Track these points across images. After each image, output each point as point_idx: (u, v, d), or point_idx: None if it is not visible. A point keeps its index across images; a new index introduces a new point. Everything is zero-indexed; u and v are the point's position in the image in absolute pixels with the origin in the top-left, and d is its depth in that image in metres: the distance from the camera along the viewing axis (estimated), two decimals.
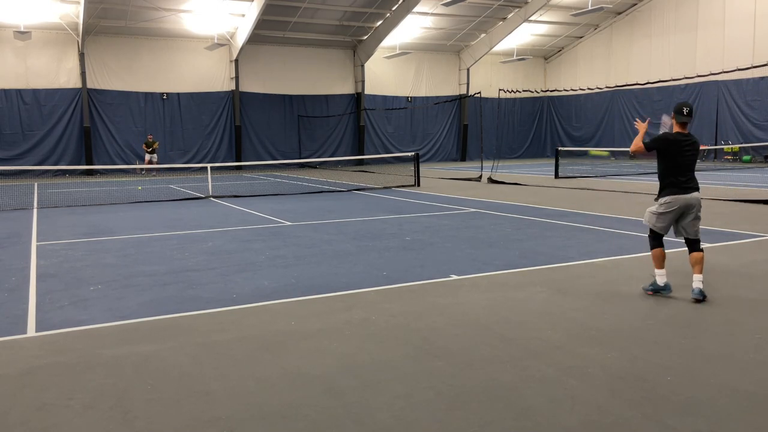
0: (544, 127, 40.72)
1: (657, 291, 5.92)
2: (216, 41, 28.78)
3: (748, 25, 29.18)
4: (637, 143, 5.98)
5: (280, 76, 32.83)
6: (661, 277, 5.89)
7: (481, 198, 15.26)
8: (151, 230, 10.82)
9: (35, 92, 27.79)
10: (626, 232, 9.80)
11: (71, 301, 6.13)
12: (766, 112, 29.06)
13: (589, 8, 28.09)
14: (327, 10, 29.48)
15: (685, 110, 5.80)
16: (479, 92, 26.42)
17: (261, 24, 28.48)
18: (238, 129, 31.81)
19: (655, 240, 5.96)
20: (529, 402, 3.69)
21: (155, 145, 28.10)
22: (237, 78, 31.42)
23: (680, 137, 5.83)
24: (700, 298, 5.67)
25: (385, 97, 35.78)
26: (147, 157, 26.96)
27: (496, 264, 7.55)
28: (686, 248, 6.00)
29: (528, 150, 40.26)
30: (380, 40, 32.16)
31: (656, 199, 5.96)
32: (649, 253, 6.12)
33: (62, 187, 21.36)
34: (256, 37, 29.93)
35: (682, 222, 5.86)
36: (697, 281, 5.73)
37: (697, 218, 5.87)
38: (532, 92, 30.77)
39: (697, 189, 5.85)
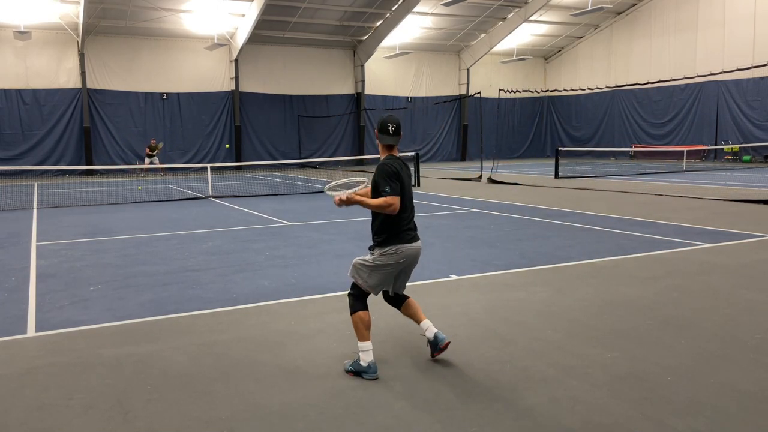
0: (544, 127, 40.72)
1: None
2: (216, 41, 28.78)
3: (748, 25, 29.18)
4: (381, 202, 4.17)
5: (280, 76, 32.83)
6: (366, 353, 4.18)
7: (481, 198, 15.26)
8: (151, 230, 10.82)
9: (35, 92, 27.79)
10: (626, 232, 9.79)
11: (71, 301, 6.13)
12: (766, 112, 29.05)
13: (589, 8, 28.09)
14: (327, 10, 29.48)
15: (391, 128, 4.31)
16: (479, 92, 26.43)
17: (261, 24, 28.48)
18: (238, 129, 31.81)
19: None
20: (529, 402, 3.69)
21: (159, 148, 27.67)
22: (237, 78, 31.42)
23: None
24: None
25: (385, 97, 35.78)
26: (147, 160, 26.78)
27: (496, 264, 7.55)
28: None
29: (528, 150, 40.26)
30: (380, 40, 32.16)
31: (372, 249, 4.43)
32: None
33: (62, 187, 21.35)
34: (256, 37, 29.94)
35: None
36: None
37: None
38: (532, 92, 30.78)
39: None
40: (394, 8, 29.99)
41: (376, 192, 4.23)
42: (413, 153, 21.39)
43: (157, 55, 30.05)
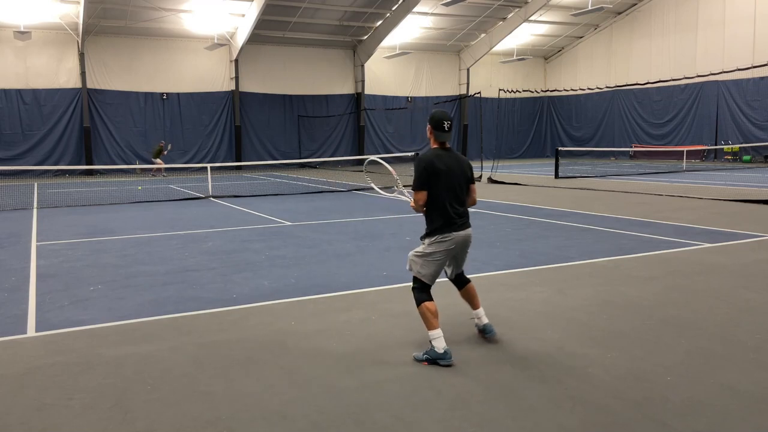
0: (544, 127, 40.72)
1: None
2: (216, 41, 28.78)
3: (748, 25, 29.18)
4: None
5: (280, 76, 32.83)
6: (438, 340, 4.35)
7: (480, 198, 15.25)
8: (151, 230, 10.82)
9: (35, 92, 27.79)
10: (626, 232, 9.79)
11: (71, 301, 6.13)
12: (766, 112, 29.06)
13: (589, 8, 28.09)
14: (327, 10, 29.48)
15: (446, 125, 4.52)
16: (479, 92, 26.43)
17: (261, 24, 28.48)
18: (238, 129, 31.81)
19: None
20: (529, 402, 3.69)
21: (163, 150, 27.51)
22: (237, 78, 31.42)
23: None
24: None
25: (385, 97, 35.79)
26: (158, 161, 26.50)
27: (496, 264, 7.55)
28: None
29: (528, 150, 40.25)
30: (380, 40, 32.16)
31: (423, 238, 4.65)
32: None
33: (62, 187, 21.35)
34: (256, 37, 29.93)
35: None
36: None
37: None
38: (532, 92, 30.77)
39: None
40: (394, 8, 29.99)
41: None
42: (413, 153, 21.39)
43: (157, 55, 30.04)
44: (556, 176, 21.28)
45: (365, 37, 33.26)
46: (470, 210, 4.74)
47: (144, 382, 4.09)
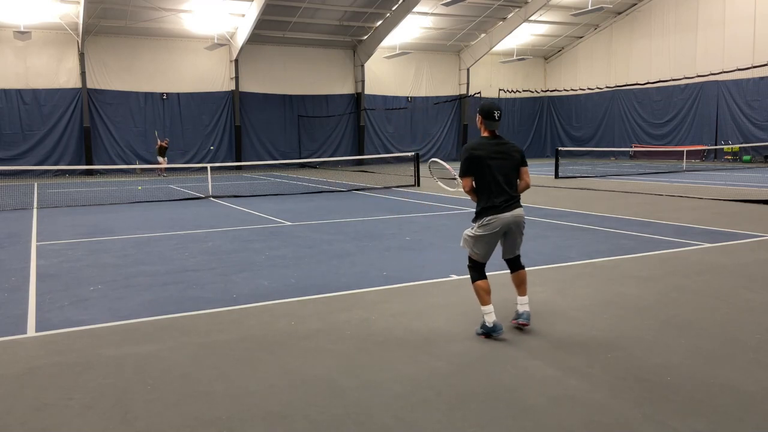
0: (544, 127, 40.72)
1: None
2: (216, 41, 28.78)
3: (748, 25, 29.18)
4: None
5: (280, 76, 32.83)
6: (489, 315, 4.78)
7: None
8: (151, 230, 10.82)
9: (35, 92, 27.80)
10: (626, 232, 9.79)
11: (71, 301, 6.13)
12: (766, 112, 29.06)
13: (589, 8, 28.10)
14: (327, 10, 29.49)
15: (496, 114, 4.88)
16: (479, 92, 26.47)
17: (261, 24, 28.48)
18: (238, 129, 31.81)
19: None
20: (529, 402, 3.69)
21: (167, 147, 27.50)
22: (237, 78, 31.43)
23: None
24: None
25: (385, 97, 35.79)
26: (161, 159, 26.54)
27: (495, 264, 7.53)
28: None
29: (528, 150, 40.19)
30: (380, 40, 32.16)
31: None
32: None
33: (62, 187, 21.35)
34: (256, 37, 29.94)
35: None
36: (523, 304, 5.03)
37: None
38: (532, 92, 30.82)
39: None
40: (394, 8, 30.00)
41: None
42: (413, 153, 21.39)
43: (157, 55, 30.05)
44: (556, 176, 21.28)
45: (365, 37, 33.27)
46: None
47: (144, 382, 4.08)
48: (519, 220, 4.87)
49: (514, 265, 5.09)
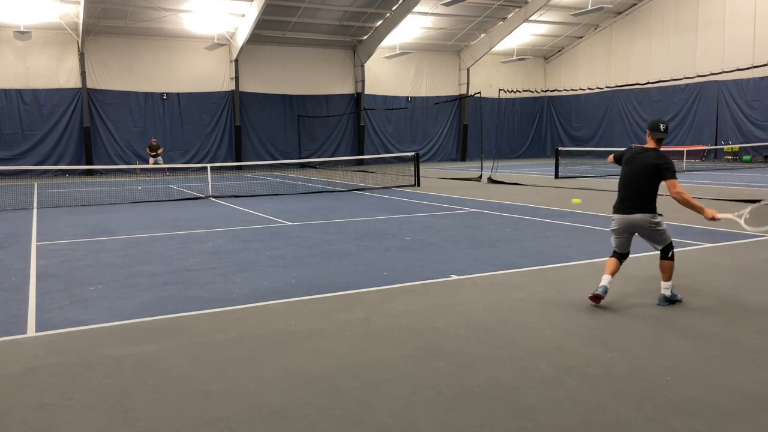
0: (544, 127, 40.70)
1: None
2: (216, 41, 28.78)
3: (748, 25, 29.17)
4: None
5: (280, 76, 32.82)
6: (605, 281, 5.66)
7: (481, 198, 15.26)
8: (151, 230, 10.82)
9: (35, 92, 27.79)
10: None
11: (71, 301, 6.13)
12: (766, 112, 29.05)
13: (589, 8, 28.09)
14: (327, 10, 29.48)
15: (662, 126, 5.63)
16: (479, 92, 26.41)
17: (261, 24, 28.48)
18: (238, 129, 31.81)
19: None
20: (529, 402, 3.69)
21: (159, 150, 27.76)
22: (237, 78, 31.42)
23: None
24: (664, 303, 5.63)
25: (385, 97, 35.78)
26: (151, 160, 26.81)
27: (496, 264, 7.55)
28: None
29: (528, 150, 40.25)
30: (380, 40, 32.15)
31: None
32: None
33: (62, 187, 21.36)
34: (256, 37, 29.93)
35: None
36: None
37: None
38: (532, 92, 30.76)
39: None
40: (394, 8, 29.99)
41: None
42: (413, 153, 21.39)
43: (157, 55, 30.04)
44: (556, 176, 21.28)
45: (365, 37, 33.26)
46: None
47: (144, 382, 4.09)
48: (637, 223, 5.66)
49: (661, 254, 5.77)
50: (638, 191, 5.55)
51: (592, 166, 28.88)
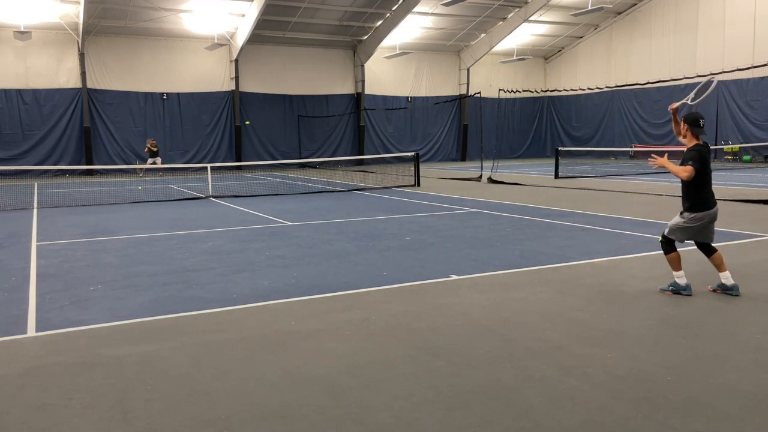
0: (544, 127, 40.70)
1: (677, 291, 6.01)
2: (216, 41, 28.78)
3: (748, 25, 29.17)
4: (685, 170, 5.99)
5: (280, 76, 32.83)
6: (681, 279, 6.01)
7: (481, 198, 15.26)
8: (151, 230, 10.82)
9: (35, 92, 27.79)
10: (626, 232, 9.79)
11: (71, 301, 6.13)
12: (766, 112, 29.05)
13: (589, 8, 28.09)
14: (327, 10, 29.48)
15: (702, 122, 6.05)
16: (479, 92, 26.42)
17: (261, 24, 28.48)
18: (238, 129, 31.81)
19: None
20: (529, 402, 3.69)
21: (156, 150, 27.73)
22: (237, 78, 31.42)
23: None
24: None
25: (385, 97, 35.78)
26: (150, 160, 26.78)
27: (496, 264, 7.55)
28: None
29: (528, 150, 40.24)
30: (380, 40, 32.16)
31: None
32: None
33: (62, 187, 21.36)
34: (256, 37, 29.93)
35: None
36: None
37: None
38: (532, 92, 30.76)
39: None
40: (394, 8, 29.99)
41: (684, 163, 6.01)
42: (413, 153, 21.39)
43: (157, 55, 30.04)
44: (556, 176, 21.28)
45: (365, 37, 33.26)
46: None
47: (144, 382, 4.09)
48: (716, 215, 6.01)
49: (710, 250, 6.03)
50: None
51: (592, 166, 28.88)
